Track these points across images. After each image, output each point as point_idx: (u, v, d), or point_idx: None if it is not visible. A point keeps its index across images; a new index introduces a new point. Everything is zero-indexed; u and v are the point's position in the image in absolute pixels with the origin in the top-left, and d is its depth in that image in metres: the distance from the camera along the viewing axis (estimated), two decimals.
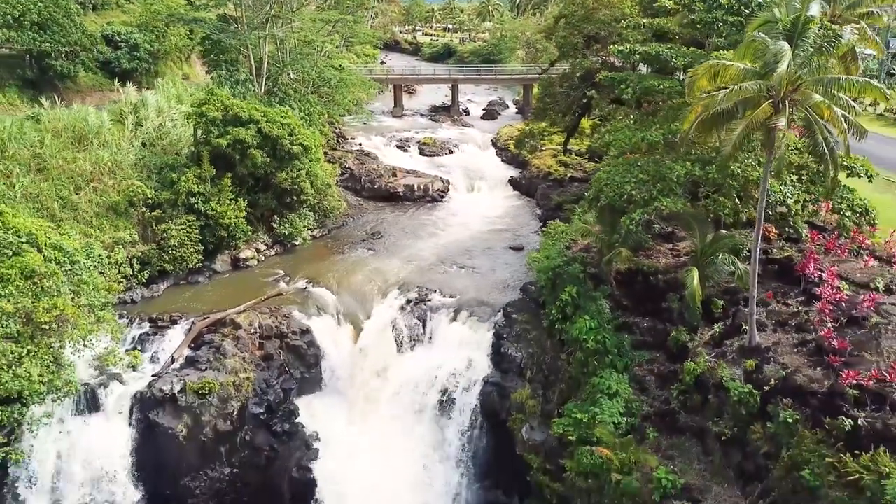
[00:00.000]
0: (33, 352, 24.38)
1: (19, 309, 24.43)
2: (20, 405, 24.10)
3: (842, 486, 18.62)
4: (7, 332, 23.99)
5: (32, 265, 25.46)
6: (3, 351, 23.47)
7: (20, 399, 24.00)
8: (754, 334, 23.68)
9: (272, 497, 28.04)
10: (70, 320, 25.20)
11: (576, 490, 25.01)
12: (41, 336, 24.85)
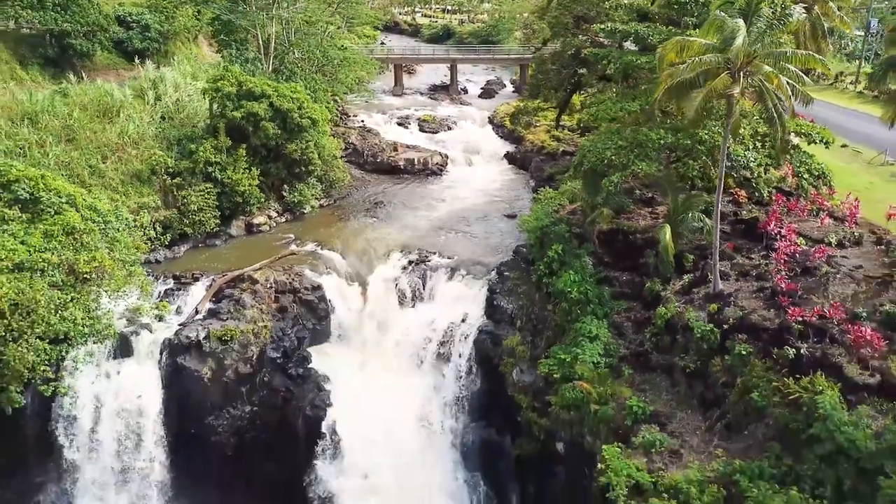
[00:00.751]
0: (76, 298, 27.36)
1: (63, 261, 27.38)
2: (66, 345, 27.13)
3: (784, 404, 21.63)
4: (53, 280, 26.93)
5: (73, 223, 28.41)
6: (52, 297, 26.41)
7: (66, 340, 27.01)
8: (717, 282, 26.67)
9: (288, 433, 31.10)
10: (107, 272, 28.15)
11: (560, 422, 28.08)
12: (82, 285, 27.83)
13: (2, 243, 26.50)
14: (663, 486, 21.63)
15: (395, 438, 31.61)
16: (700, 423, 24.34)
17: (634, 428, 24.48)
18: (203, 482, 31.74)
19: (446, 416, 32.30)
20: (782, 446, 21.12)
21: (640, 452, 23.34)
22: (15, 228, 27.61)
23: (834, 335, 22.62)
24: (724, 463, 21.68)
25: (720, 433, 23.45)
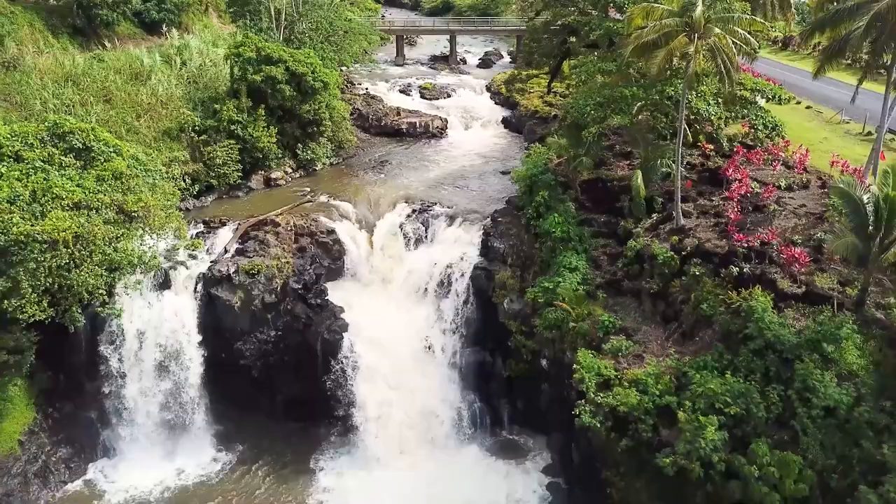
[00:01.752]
0: (126, 234, 31.59)
1: (113, 201, 31.55)
2: (118, 274, 31.43)
3: (728, 313, 26.07)
4: (106, 218, 31.13)
5: (120, 169, 32.58)
6: (106, 231, 30.64)
7: (118, 269, 31.30)
8: (680, 218, 31.00)
9: (307, 355, 35.51)
10: (151, 212, 32.37)
11: (543, 341, 32.64)
12: (130, 223, 32.05)
13: (62, 185, 30.68)
14: (626, 379, 26.16)
15: (401, 360, 36.10)
16: (661, 334, 28.83)
17: (605, 339, 28.99)
18: (233, 402, 36.27)
19: (446, 341, 36.70)
20: (724, 345, 25.58)
21: (609, 356, 27.87)
22: (72, 173, 31.80)
23: (772, 257, 27.03)
24: (677, 360, 26.23)
25: (676, 340, 27.95)
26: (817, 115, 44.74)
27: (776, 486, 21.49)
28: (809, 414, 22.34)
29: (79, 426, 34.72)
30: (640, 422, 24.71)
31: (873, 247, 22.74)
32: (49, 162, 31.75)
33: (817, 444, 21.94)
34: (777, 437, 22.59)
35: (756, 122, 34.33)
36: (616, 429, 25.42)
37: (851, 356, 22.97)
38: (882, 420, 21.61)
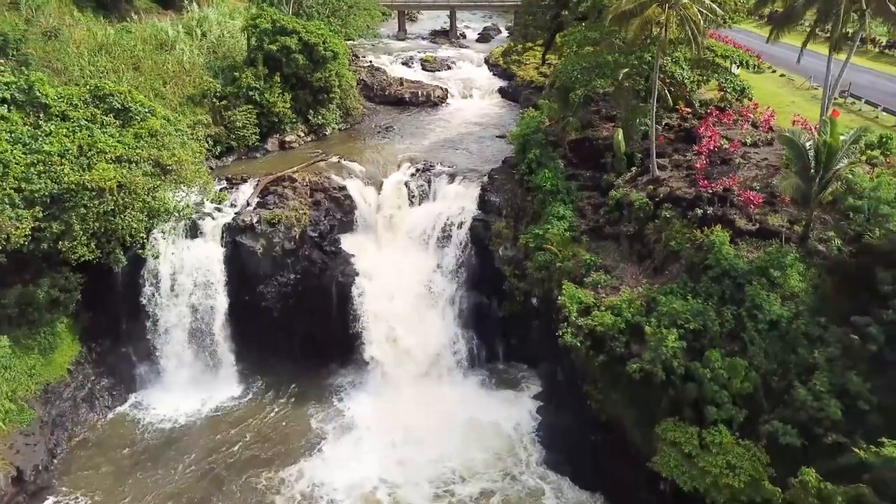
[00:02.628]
0: (162, 185, 35.42)
1: (150, 155, 35.34)
2: (155, 220, 35.32)
3: (692, 248, 29.99)
4: (144, 170, 34.92)
5: (155, 127, 36.33)
6: (145, 182, 34.47)
7: (156, 216, 35.18)
8: (655, 170, 34.84)
9: (323, 297, 39.45)
10: (183, 166, 36.16)
11: (534, 282, 36.59)
12: (165, 175, 35.85)
13: (105, 141, 34.43)
14: (604, 306, 30.17)
15: (407, 303, 40.10)
16: (636, 270, 32.82)
17: (587, 274, 32.99)
18: (255, 342, 40.25)
19: (447, 286, 40.61)
20: (688, 275, 29.54)
21: (590, 288, 31.88)
22: (112, 131, 35.53)
23: (732, 200, 30.94)
24: (648, 288, 30.23)
25: (648, 274, 31.94)
26: (789, 82, 48.45)
27: (725, 386, 25.54)
28: (756, 328, 26.38)
29: (118, 360, 38.81)
30: (614, 340, 28.75)
31: (814, 186, 26.61)
32: (92, 121, 35.48)
33: (761, 352, 26.00)
34: (728, 347, 26.62)
35: (726, 86, 38.06)
36: (594, 347, 29.46)
37: (794, 280, 26.95)
38: (816, 332, 25.64)
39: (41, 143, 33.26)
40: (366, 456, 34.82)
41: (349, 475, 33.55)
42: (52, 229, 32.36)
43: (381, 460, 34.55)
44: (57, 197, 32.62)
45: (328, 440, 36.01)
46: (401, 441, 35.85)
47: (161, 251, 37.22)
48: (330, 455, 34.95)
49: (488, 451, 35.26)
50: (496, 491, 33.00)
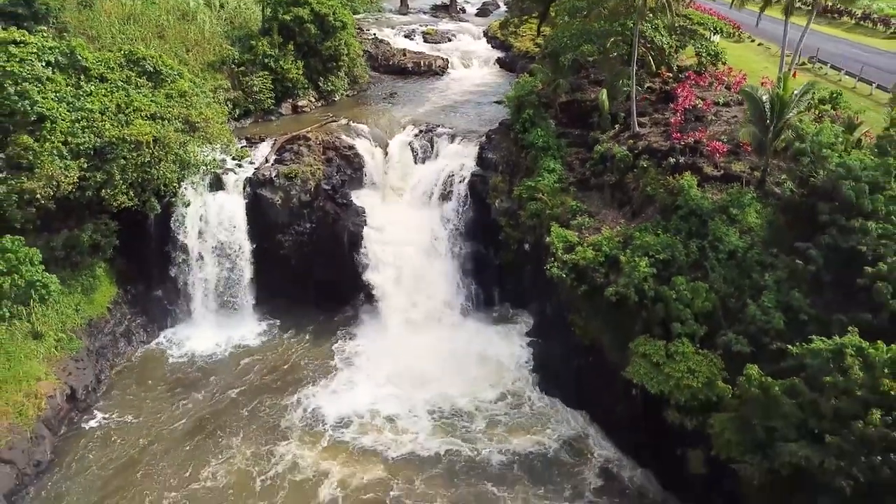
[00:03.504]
0: (191, 140, 39.30)
1: (181, 113, 39.20)
2: (187, 171, 39.22)
3: (665, 192, 33.87)
4: (176, 127, 38.81)
5: (184, 88, 40.17)
6: (177, 137, 38.35)
7: (187, 167, 39.08)
8: (635, 126, 38.70)
9: (336, 245, 43.40)
10: (209, 123, 40.00)
11: (526, 230, 40.54)
12: (194, 132, 39.74)
13: (140, 100, 38.29)
14: (587, 243, 34.18)
15: (412, 252, 44.08)
16: (616, 214, 36.80)
17: (573, 218, 36.94)
18: (274, 287, 44.22)
19: (448, 236, 44.57)
20: (661, 216, 33.51)
21: (575, 229, 35.88)
22: (146, 91, 39.37)
23: (701, 151, 34.85)
24: (625, 228, 34.23)
25: (627, 217, 35.93)
26: (766, 50, 52.08)
27: (689, 305, 29.59)
28: (717, 257, 30.42)
29: (150, 302, 42.92)
30: (594, 271, 32.81)
31: (769, 134, 30.49)
32: (127, 82, 39.33)
33: (720, 277, 30.04)
34: (693, 274, 30.65)
35: (701, 51, 41.76)
36: (577, 279, 33.51)
37: (751, 217, 30.94)
38: (768, 259, 29.66)
39: (83, 102, 37.19)
40: (369, 388, 38.59)
41: (352, 404, 37.32)
42: (96, 179, 36.41)
43: (383, 392, 38.33)
44: (99, 150, 36.60)
45: (336, 373, 39.94)
46: (404, 374, 39.58)
47: (190, 201, 41.11)
48: (336, 386, 38.80)
49: (486, 381, 39.40)
50: (494, 414, 37.16)
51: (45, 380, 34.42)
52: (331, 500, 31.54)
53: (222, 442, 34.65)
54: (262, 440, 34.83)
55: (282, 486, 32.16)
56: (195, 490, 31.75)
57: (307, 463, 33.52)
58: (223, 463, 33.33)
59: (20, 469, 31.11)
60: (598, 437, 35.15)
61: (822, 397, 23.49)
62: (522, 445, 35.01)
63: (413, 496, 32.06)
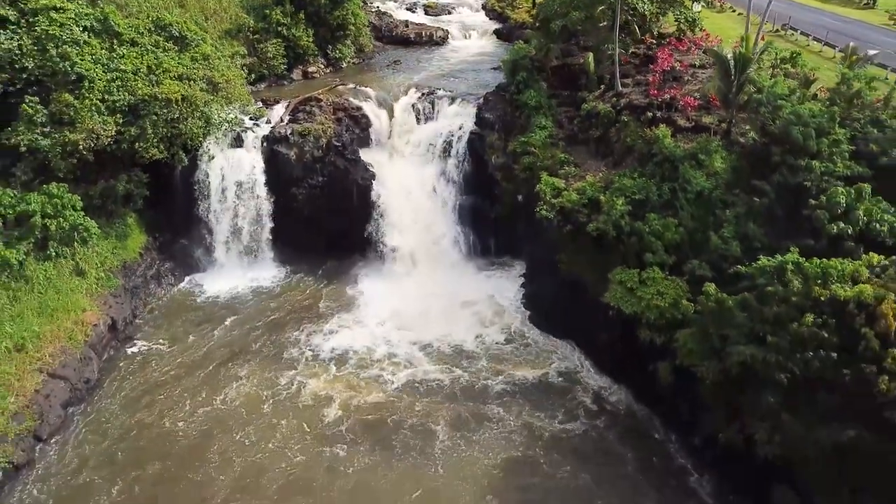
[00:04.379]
0: (215, 100, 43.18)
1: (205, 75, 43.05)
2: (211, 127, 43.15)
3: (643, 142, 37.89)
4: (200, 87, 42.68)
5: (207, 52, 43.99)
6: (202, 97, 42.24)
7: (211, 124, 43.01)
8: (618, 86, 42.60)
9: (345, 196, 47.42)
10: (230, 84, 43.87)
11: (520, 182, 44.49)
12: (216, 92, 43.62)
13: (169, 62, 42.14)
14: (572, 189, 38.25)
15: (415, 205, 48.16)
16: (599, 164, 40.88)
17: (561, 168, 40.95)
18: (290, 238, 48.27)
19: (449, 191, 48.59)
20: (639, 163, 37.55)
21: (562, 177, 39.97)
22: (172, 55, 43.19)
23: (676, 106, 38.80)
24: (606, 175, 38.28)
25: (609, 166, 39.99)
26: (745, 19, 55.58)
27: (660, 238, 33.75)
28: (686, 197, 34.51)
29: (177, 249, 47.06)
30: (578, 212, 36.93)
31: (733, 87, 34.43)
32: (156, 46, 43.13)
33: (688, 214, 34.16)
34: (664, 212, 34.77)
35: (680, 18, 45.55)
36: (563, 220, 37.63)
37: (717, 162, 34.98)
38: (729, 198, 33.76)
39: (117, 64, 41.07)
40: (375, 325, 42.60)
41: (359, 340, 41.26)
42: (131, 133, 40.39)
43: (387, 328, 42.42)
44: (133, 106, 40.55)
45: (345, 312, 44.01)
46: (406, 314, 43.57)
47: (214, 155, 45.08)
48: (344, 323, 42.79)
49: (483, 319, 43.60)
50: (490, 347, 41.34)
51: (89, 311, 38.70)
52: (334, 420, 35.37)
53: (240, 369, 38.62)
54: (274, 368, 38.73)
55: (288, 407, 36.09)
56: (216, 407, 35.82)
57: (313, 389, 37.32)
58: (240, 386, 37.35)
59: (73, 384, 35.47)
60: (583, 361, 39.39)
61: (766, 306, 27.68)
62: (517, 373, 39.13)
63: (414, 415, 35.90)
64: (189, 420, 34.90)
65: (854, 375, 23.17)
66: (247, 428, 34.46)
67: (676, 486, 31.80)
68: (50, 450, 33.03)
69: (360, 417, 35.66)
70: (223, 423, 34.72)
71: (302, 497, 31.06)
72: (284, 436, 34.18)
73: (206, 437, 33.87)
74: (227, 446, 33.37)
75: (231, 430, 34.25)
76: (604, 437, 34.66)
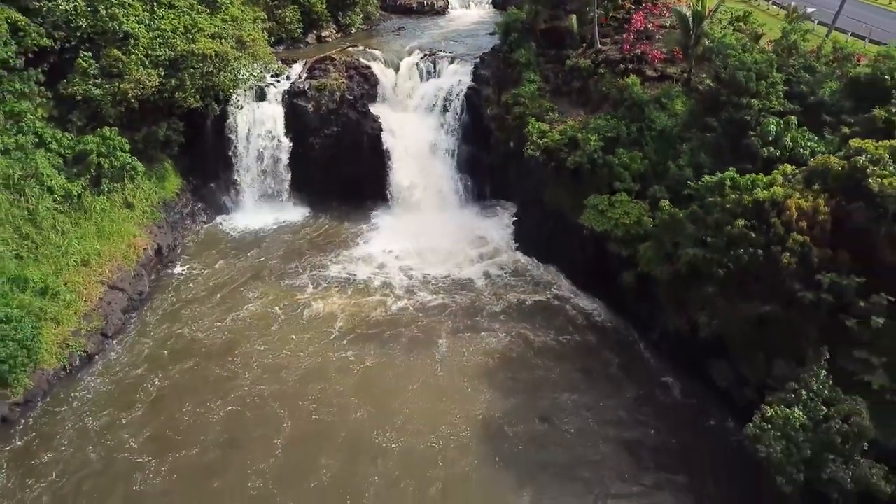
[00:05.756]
0: (243, 57, 49.07)
1: (234, 34, 48.89)
2: (240, 81, 49.09)
3: (616, 90, 43.83)
4: (230, 45, 48.55)
5: (235, 13, 49.80)
6: (232, 53, 48.12)
7: (240, 78, 48.94)
8: (597, 44, 48.43)
9: (356, 145, 53.44)
10: (256, 43, 49.73)
11: (512, 130, 50.39)
12: (243, 49, 49.48)
13: (202, 22, 48.00)
14: (555, 131, 44.27)
15: (419, 153, 54.20)
16: (580, 111, 46.78)
17: (546, 114, 46.91)
18: (308, 184, 54.36)
19: (448, 141, 54.59)
20: (612, 108, 43.52)
21: (547, 122, 45.94)
22: (205, 16, 49.01)
23: (645, 59, 44.69)
24: (585, 118, 44.29)
25: (588, 112, 45.92)
26: None
27: (627, 168, 39.84)
28: (650, 134, 40.55)
29: (208, 191, 53.23)
30: (560, 150, 42.98)
31: (690, 40, 40.31)
32: (191, 8, 48.92)
33: (652, 148, 40.22)
34: (631, 148, 40.82)
35: None
36: (547, 157, 43.68)
37: (678, 105, 40.96)
38: (686, 135, 39.78)
39: (158, 24, 46.88)
40: (382, 256, 48.88)
41: (367, 268, 47.56)
42: (171, 84, 46.31)
43: (393, 258, 48.75)
44: (173, 61, 46.47)
45: (360, 241, 50.62)
46: (411, 247, 49.85)
47: (243, 105, 51.09)
48: (354, 255, 48.93)
49: (478, 250, 49.94)
50: (485, 272, 47.62)
51: (138, 237, 44.95)
52: (344, 331, 41.18)
53: (261, 289, 44.64)
54: (289, 290, 44.78)
55: (302, 321, 42.02)
56: (238, 317, 42.02)
57: (324, 307, 43.24)
58: (260, 303, 43.25)
59: (129, 295, 41.83)
60: (564, 281, 45.70)
61: (708, 215, 33.83)
62: (509, 295, 45.28)
63: (416, 329, 41.70)
64: (217, 329, 41.00)
65: (766, 256, 29.32)
66: (265, 337, 40.51)
67: (647, 376, 38.11)
68: (113, 346, 39.43)
69: (367, 331, 41.62)
70: (245, 333, 40.82)
71: (317, 384, 37.29)
72: (298, 343, 40.19)
73: (231, 343, 39.99)
74: (249, 350, 39.48)
75: (251, 339, 40.27)
76: (586, 342, 40.92)
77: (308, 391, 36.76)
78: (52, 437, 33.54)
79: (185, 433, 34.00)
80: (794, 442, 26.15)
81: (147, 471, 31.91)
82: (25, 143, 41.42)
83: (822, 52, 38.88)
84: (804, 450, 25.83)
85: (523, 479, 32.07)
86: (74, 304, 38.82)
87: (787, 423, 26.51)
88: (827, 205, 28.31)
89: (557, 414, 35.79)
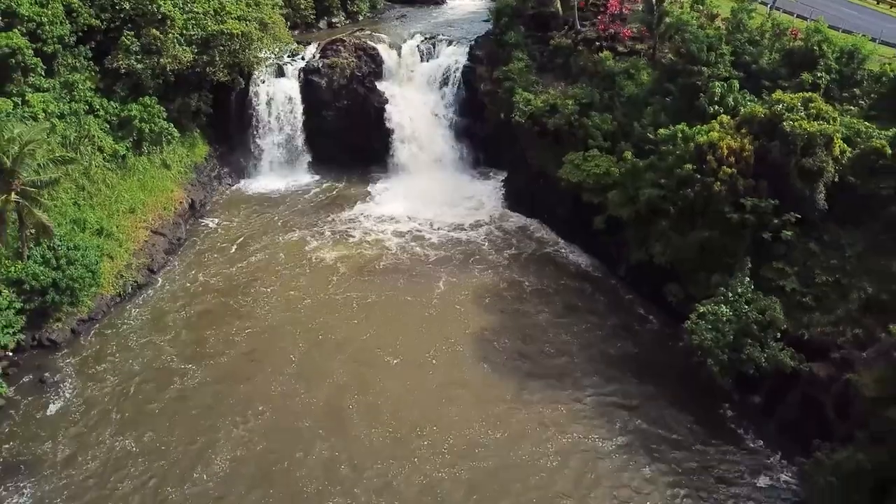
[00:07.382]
0: (266, 37, 55.56)
1: (257, 17, 55.42)
2: (262, 59, 55.61)
3: (592, 64, 50.39)
4: (253, 26, 55.04)
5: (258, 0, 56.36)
6: (256, 34, 54.60)
7: (262, 56, 55.45)
8: (577, 26, 54.94)
9: (364, 117, 59.89)
10: (277, 25, 56.28)
11: (502, 103, 56.86)
12: (264, 31, 55.99)
13: (230, 6, 54.52)
14: (539, 100, 50.80)
15: (419, 124, 60.70)
16: (561, 83, 53.27)
17: (532, 86, 53.43)
18: (321, 151, 60.88)
19: (446, 112, 61.12)
20: (588, 79, 50.03)
21: (532, 92, 52.42)
22: (231, 0, 55.52)
23: (617, 37, 51.23)
24: (565, 88, 50.84)
25: (568, 84, 52.42)
26: None
27: (599, 129, 46.38)
28: (619, 100, 47.13)
29: (232, 158, 59.76)
30: (543, 116, 49.50)
31: (654, 18, 46.84)
32: None
33: (621, 112, 46.78)
34: (603, 112, 47.34)
35: None
36: (532, 123, 50.21)
37: (644, 76, 47.52)
38: (650, 100, 46.27)
39: (191, 6, 53.41)
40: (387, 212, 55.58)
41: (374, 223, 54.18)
42: (203, 59, 52.79)
43: (398, 215, 55.32)
44: (205, 39, 52.98)
45: (367, 201, 57.24)
46: (413, 206, 56.41)
47: (265, 79, 57.66)
48: (363, 211, 55.88)
49: (473, 208, 56.58)
50: (479, 225, 54.20)
51: (176, 192, 51.52)
52: (349, 273, 47.80)
53: (280, 239, 51.54)
54: (304, 239, 51.61)
55: (314, 265, 48.76)
56: (256, 261, 48.79)
57: (333, 254, 49.87)
58: (278, 250, 50.15)
59: (169, 239, 48.44)
60: (548, 231, 52.31)
61: (663, 161, 40.36)
62: (500, 244, 51.97)
63: (417, 274, 48.44)
64: (239, 269, 47.89)
65: (703, 187, 35.85)
66: (280, 278, 47.33)
67: (615, 302, 44.79)
68: (157, 279, 46.00)
69: (371, 276, 48.25)
70: (263, 274, 47.65)
71: (325, 313, 44.06)
72: (308, 284, 46.96)
73: (251, 282, 46.78)
74: (266, 288, 46.30)
75: (268, 279, 47.10)
76: (565, 277, 47.58)
77: (317, 319, 43.57)
78: (109, 350, 40.14)
79: (216, 348, 40.68)
80: (721, 331, 32.70)
81: (188, 377, 38.57)
82: (78, 110, 48.13)
83: (764, 29, 45.35)
84: (728, 336, 32.38)
85: (507, 380, 38.68)
86: (125, 244, 45.41)
87: (716, 317, 33.08)
88: (751, 144, 34.83)
89: (538, 333, 42.38)
